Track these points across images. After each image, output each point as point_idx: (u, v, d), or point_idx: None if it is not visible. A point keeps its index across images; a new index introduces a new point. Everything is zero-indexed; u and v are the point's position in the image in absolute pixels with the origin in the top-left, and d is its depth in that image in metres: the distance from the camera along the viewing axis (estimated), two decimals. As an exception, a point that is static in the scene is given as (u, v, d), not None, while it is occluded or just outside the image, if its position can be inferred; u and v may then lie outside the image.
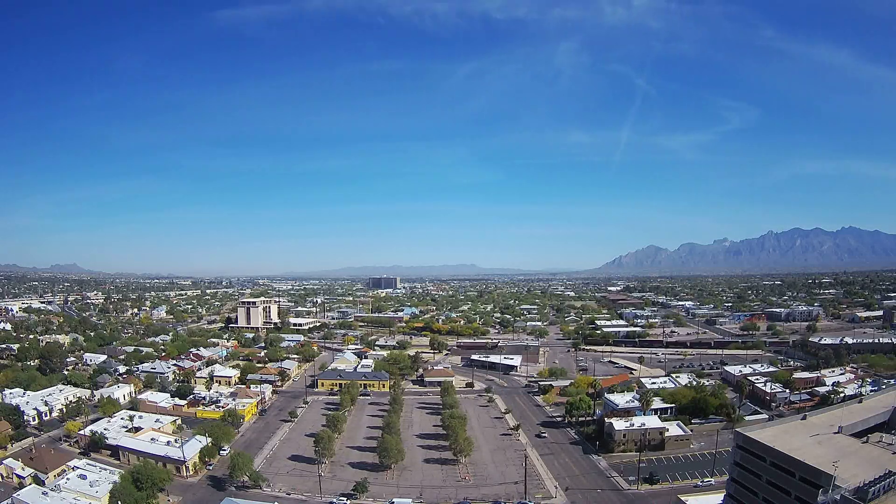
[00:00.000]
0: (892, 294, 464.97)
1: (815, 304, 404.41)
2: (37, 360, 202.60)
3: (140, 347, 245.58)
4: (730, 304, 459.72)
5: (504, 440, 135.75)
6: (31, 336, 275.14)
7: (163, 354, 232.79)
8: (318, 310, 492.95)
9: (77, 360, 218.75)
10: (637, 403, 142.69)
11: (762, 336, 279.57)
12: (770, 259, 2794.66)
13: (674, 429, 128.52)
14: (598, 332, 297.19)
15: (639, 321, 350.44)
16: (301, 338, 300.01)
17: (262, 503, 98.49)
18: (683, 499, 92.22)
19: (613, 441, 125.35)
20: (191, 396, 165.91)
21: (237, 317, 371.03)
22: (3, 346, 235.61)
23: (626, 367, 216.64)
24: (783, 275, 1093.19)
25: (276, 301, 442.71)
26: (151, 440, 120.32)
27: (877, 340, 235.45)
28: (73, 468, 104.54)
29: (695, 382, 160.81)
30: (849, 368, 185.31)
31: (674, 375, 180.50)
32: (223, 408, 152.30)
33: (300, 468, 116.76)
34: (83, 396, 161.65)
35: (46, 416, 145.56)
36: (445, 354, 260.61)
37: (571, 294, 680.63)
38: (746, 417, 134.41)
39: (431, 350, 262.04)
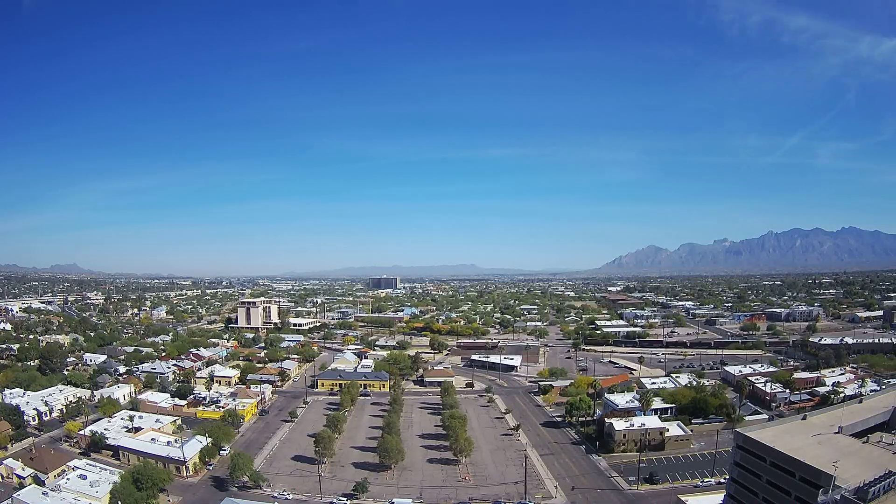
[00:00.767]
0: (892, 294, 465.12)
1: (815, 305, 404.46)
2: (37, 361, 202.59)
3: (140, 347, 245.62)
4: (730, 305, 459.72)
5: (504, 440, 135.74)
6: (31, 336, 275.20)
7: (163, 354, 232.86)
8: (318, 310, 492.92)
9: (77, 361, 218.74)
10: (637, 403, 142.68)
11: (762, 336, 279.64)
12: (770, 259, 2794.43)
13: (674, 429, 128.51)
14: (599, 333, 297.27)
15: (639, 321, 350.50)
16: (301, 338, 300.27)
17: (263, 503, 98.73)
18: (683, 499, 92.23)
19: (613, 441, 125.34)
20: (191, 396, 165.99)
21: (237, 317, 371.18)
22: (3, 346, 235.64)
23: (626, 368, 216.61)
24: (783, 275, 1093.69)
25: (276, 301, 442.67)
26: (151, 440, 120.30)
27: (877, 340, 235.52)
28: (74, 468, 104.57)
29: (695, 382, 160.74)
30: (849, 368, 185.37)
31: (674, 375, 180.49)
32: (223, 408, 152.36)
33: (300, 468, 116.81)
34: (83, 397, 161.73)
35: (46, 417, 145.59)
36: (445, 354, 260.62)
37: (571, 294, 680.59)
38: (746, 417, 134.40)
39: (431, 350, 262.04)
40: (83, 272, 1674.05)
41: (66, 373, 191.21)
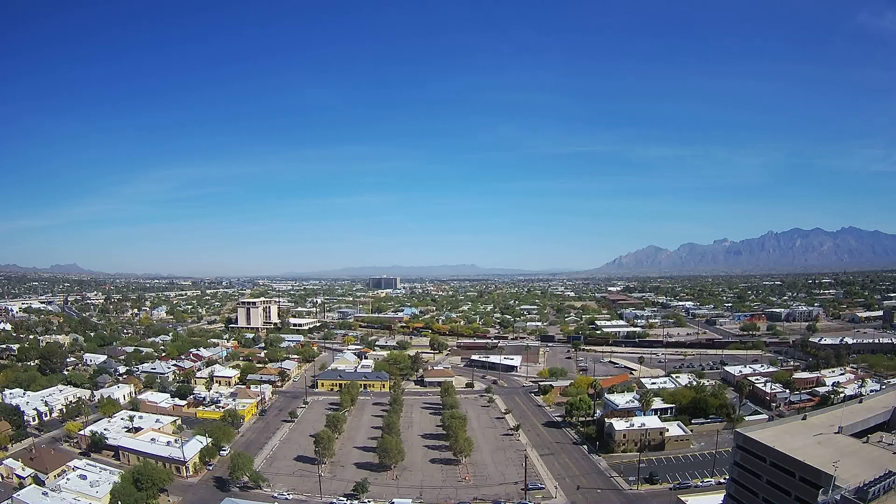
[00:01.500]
0: (892, 294, 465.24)
1: (815, 305, 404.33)
2: (37, 361, 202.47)
3: (140, 348, 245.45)
4: (730, 305, 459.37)
5: (504, 440, 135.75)
6: (31, 336, 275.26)
7: (163, 355, 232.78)
8: (318, 310, 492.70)
9: (77, 361, 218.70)
10: (637, 404, 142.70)
11: (762, 336, 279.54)
12: (770, 259, 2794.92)
13: (674, 429, 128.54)
14: (599, 333, 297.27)
15: (639, 321, 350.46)
16: (301, 338, 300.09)
17: (263, 503, 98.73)
18: (683, 499, 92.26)
19: (614, 441, 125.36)
20: (191, 396, 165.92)
21: (237, 317, 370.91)
22: (3, 347, 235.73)
23: (626, 368, 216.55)
24: (783, 275, 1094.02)
25: (276, 301, 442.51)
26: (151, 440, 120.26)
27: (877, 340, 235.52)
28: (74, 468, 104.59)
29: (695, 383, 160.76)
30: (849, 368, 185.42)
31: (674, 376, 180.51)
32: (223, 408, 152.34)
33: (300, 468, 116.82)
34: (83, 397, 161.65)
35: (46, 417, 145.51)
36: (445, 355, 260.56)
37: (571, 294, 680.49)
38: (746, 417, 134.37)
39: (431, 350, 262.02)
40: (83, 272, 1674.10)
41: (66, 373, 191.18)
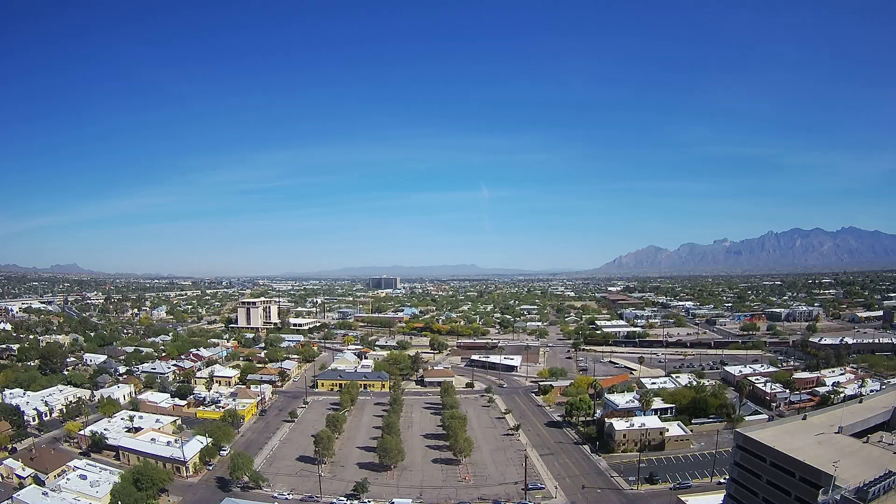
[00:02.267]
0: (892, 294, 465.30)
1: (815, 305, 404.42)
2: (37, 361, 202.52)
3: (140, 348, 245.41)
4: (730, 305, 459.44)
5: (504, 440, 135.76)
6: (32, 336, 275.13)
7: (163, 355, 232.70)
8: (318, 310, 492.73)
9: (77, 361, 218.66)
10: (637, 404, 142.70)
11: (762, 336, 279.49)
12: (770, 259, 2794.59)
13: (674, 429, 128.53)
14: (599, 333, 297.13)
15: (639, 321, 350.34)
16: (301, 338, 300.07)
17: (263, 503, 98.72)
18: (683, 499, 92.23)
19: (614, 441, 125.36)
20: (191, 396, 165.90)
21: (237, 317, 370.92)
22: (3, 347, 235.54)
23: (627, 368, 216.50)
24: (783, 275, 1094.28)
25: (276, 301, 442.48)
26: (152, 440, 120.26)
27: (877, 340, 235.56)
28: (74, 468, 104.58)
29: (695, 382, 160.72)
30: (849, 368, 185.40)
31: (674, 375, 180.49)
32: (223, 408, 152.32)
33: (300, 468, 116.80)
34: (83, 397, 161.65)
35: (47, 417, 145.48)
36: (446, 355, 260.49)
37: (571, 294, 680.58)
38: (746, 417, 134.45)
39: (432, 350, 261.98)
40: (83, 272, 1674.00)
41: (66, 373, 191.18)
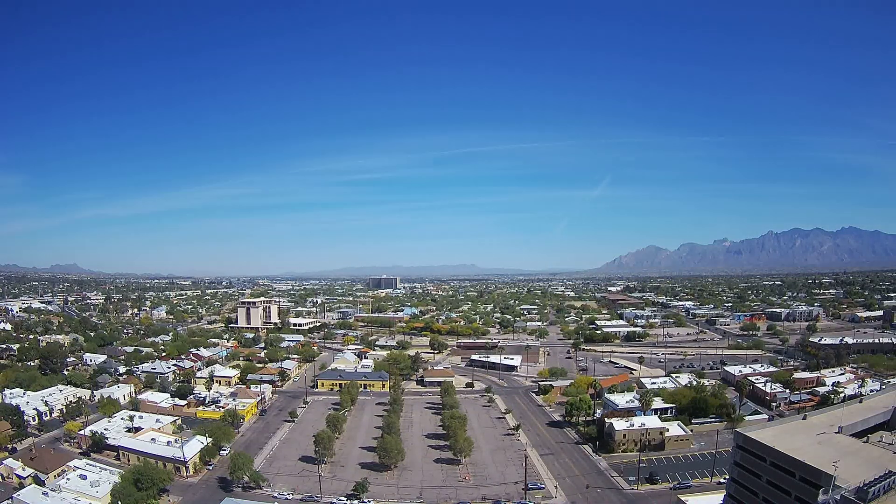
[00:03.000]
0: (892, 294, 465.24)
1: (815, 304, 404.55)
2: (37, 361, 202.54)
3: (140, 347, 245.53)
4: (730, 305, 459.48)
5: (504, 440, 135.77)
6: (32, 336, 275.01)
7: (163, 354, 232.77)
8: (318, 310, 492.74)
9: (77, 361, 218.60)
10: (637, 403, 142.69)
11: (762, 336, 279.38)
12: (770, 259, 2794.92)
13: (674, 429, 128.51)
14: (599, 333, 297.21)
15: (639, 321, 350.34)
16: (301, 338, 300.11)
17: (263, 503, 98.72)
18: (683, 499, 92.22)
19: (614, 441, 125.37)
20: (191, 396, 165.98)
21: (237, 317, 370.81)
22: (3, 346, 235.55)
23: (627, 367, 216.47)
24: (783, 275, 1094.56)
25: (276, 301, 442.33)
26: (152, 440, 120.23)
27: (877, 340, 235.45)
28: (74, 468, 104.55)
29: (695, 382, 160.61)
30: (849, 368, 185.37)
31: (674, 375, 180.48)
32: (223, 408, 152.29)
33: (301, 468, 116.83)
34: (83, 397, 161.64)
35: (47, 417, 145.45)
36: (446, 355, 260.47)
37: (571, 294, 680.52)
38: (746, 417, 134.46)
39: (432, 350, 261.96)
40: (83, 272, 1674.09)
41: (66, 373, 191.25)
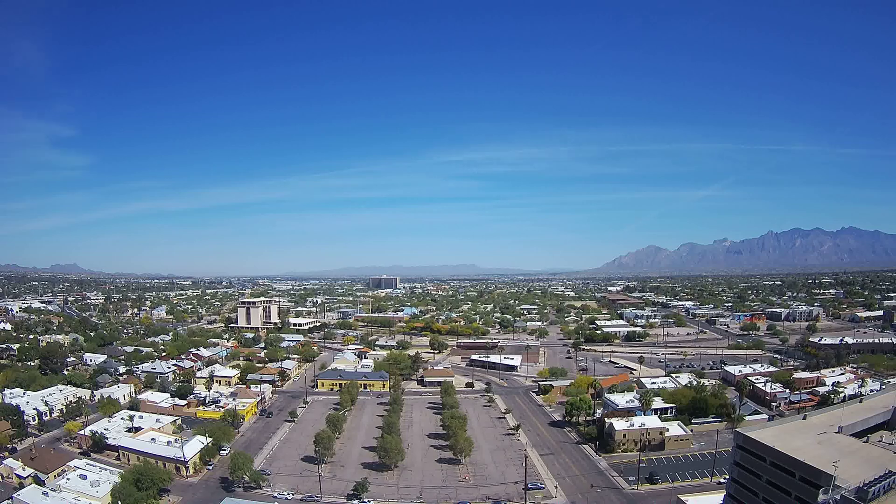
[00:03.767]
0: (892, 294, 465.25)
1: (816, 304, 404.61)
2: (37, 361, 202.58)
3: (140, 347, 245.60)
4: (730, 305, 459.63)
5: (504, 440, 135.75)
6: (32, 336, 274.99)
7: (163, 354, 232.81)
8: (318, 310, 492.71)
9: (77, 361, 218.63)
10: (637, 403, 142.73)
11: (762, 336, 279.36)
12: (770, 259, 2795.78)
13: (674, 429, 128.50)
14: (599, 332, 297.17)
15: (639, 321, 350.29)
16: (301, 338, 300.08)
17: (263, 503, 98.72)
18: (683, 499, 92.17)
19: (614, 441, 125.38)
20: (191, 396, 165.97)
21: (237, 317, 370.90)
22: (3, 346, 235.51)
23: (627, 367, 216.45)
24: (783, 275, 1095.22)
25: (276, 301, 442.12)
26: (152, 440, 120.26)
27: (877, 340, 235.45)
28: (74, 468, 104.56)
29: (695, 382, 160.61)
30: (849, 368, 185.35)
31: (674, 375, 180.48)
32: (223, 408, 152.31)
33: (301, 468, 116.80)
34: (83, 396, 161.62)
35: (47, 417, 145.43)
36: (446, 354, 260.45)
37: (571, 294, 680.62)
38: (746, 417, 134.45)
39: (432, 350, 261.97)
40: (83, 272, 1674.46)
41: (66, 373, 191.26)
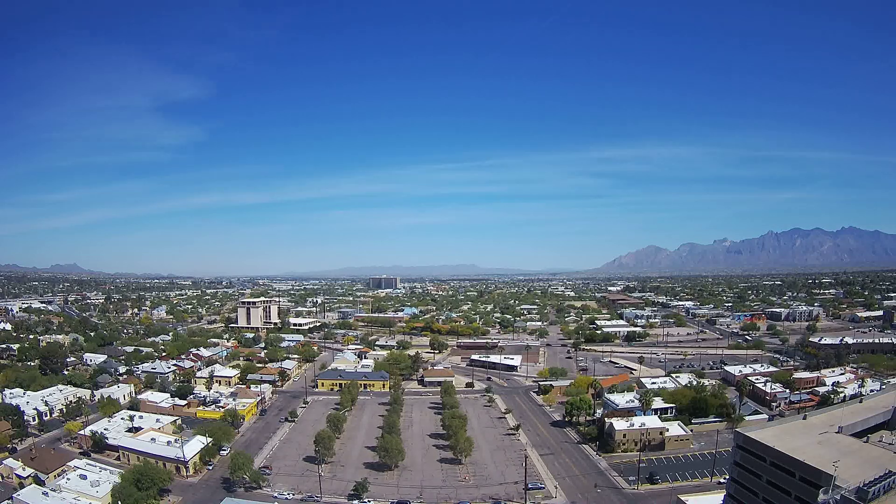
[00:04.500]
0: (892, 294, 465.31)
1: (815, 304, 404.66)
2: (37, 361, 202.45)
3: (140, 347, 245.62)
4: (730, 305, 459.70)
5: (505, 440, 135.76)
6: (32, 336, 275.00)
7: (163, 354, 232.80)
8: (318, 310, 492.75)
9: (77, 361, 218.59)
10: (637, 403, 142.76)
11: (762, 336, 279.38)
12: (770, 259, 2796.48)
13: (674, 429, 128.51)
14: (599, 333, 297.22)
15: (639, 321, 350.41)
16: (301, 338, 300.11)
17: (263, 503, 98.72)
18: (683, 499, 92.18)
19: (614, 441, 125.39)
20: (191, 396, 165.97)
21: (237, 317, 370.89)
22: (4, 346, 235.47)
23: (627, 367, 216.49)
24: (783, 275, 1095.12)
25: (276, 301, 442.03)
26: (152, 440, 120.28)
27: (877, 340, 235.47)
28: (74, 468, 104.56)
29: (695, 382, 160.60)
30: (849, 368, 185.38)
31: (674, 375, 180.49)
32: (223, 408, 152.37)
33: (301, 468, 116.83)
34: (83, 396, 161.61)
35: (47, 417, 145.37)
36: (446, 354, 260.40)
37: (571, 294, 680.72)
38: (746, 417, 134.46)
39: (432, 350, 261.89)
40: (83, 272, 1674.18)
41: (67, 373, 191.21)
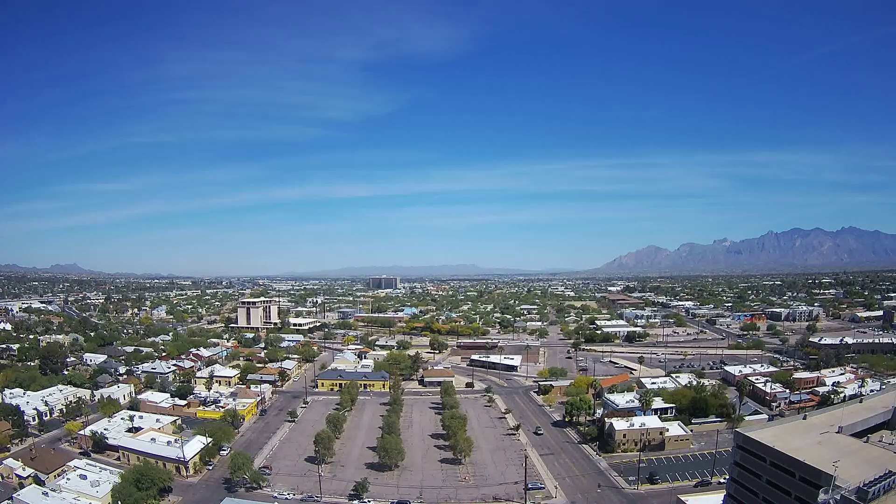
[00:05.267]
0: (892, 294, 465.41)
1: (815, 304, 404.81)
2: (37, 361, 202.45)
3: (140, 347, 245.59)
4: (730, 305, 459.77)
5: (505, 440, 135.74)
6: (32, 336, 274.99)
7: (163, 354, 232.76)
8: (318, 310, 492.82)
9: (77, 361, 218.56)
10: (637, 403, 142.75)
11: (762, 336, 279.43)
12: (770, 259, 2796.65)
13: (674, 429, 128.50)
14: (599, 333, 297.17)
15: (639, 321, 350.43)
16: (301, 338, 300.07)
17: (263, 503, 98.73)
18: (683, 499, 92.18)
19: (614, 441, 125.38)
20: (191, 396, 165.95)
21: (237, 317, 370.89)
22: (3, 346, 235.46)
23: (627, 367, 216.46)
24: (783, 275, 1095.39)
25: (276, 301, 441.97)
26: (152, 440, 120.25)
27: (877, 340, 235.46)
28: (74, 468, 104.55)
29: (695, 382, 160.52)
30: (849, 368, 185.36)
31: (674, 375, 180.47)
32: (223, 408, 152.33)
33: (301, 468, 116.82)
34: (83, 396, 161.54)
35: (47, 417, 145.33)
36: (446, 355, 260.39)
37: (571, 294, 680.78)
38: (746, 417, 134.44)
39: (432, 350, 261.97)
40: (83, 272, 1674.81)
41: (67, 373, 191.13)
